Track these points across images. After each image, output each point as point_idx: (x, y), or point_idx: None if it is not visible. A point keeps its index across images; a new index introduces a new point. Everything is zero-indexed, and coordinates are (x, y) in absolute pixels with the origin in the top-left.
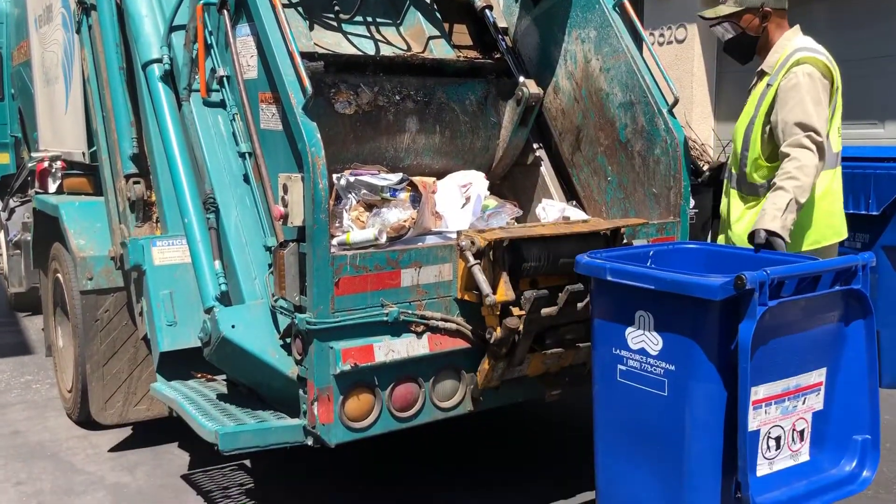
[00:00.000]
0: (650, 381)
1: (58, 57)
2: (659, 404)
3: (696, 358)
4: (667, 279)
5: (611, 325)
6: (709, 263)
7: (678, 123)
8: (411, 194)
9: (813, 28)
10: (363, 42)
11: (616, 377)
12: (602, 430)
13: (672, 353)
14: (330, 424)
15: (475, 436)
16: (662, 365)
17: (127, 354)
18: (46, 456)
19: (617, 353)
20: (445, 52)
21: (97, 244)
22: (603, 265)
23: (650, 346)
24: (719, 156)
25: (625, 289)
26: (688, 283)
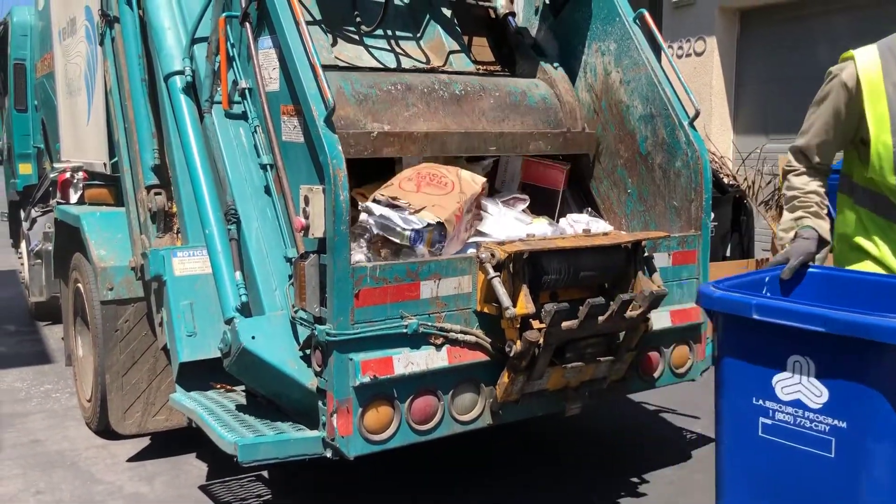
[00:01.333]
0: (809, 440)
1: (81, 69)
2: (822, 468)
3: (878, 414)
4: (842, 320)
5: (750, 370)
6: (836, 292)
7: (699, 136)
8: (434, 233)
9: (834, 40)
10: (384, 55)
11: (757, 432)
12: (731, 492)
13: (842, 407)
14: (349, 437)
15: (491, 446)
16: (828, 421)
17: (146, 364)
18: (66, 465)
19: (759, 403)
20: (465, 65)
21: (118, 254)
22: (747, 301)
23: (810, 398)
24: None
25: (776, 329)
26: (874, 326)
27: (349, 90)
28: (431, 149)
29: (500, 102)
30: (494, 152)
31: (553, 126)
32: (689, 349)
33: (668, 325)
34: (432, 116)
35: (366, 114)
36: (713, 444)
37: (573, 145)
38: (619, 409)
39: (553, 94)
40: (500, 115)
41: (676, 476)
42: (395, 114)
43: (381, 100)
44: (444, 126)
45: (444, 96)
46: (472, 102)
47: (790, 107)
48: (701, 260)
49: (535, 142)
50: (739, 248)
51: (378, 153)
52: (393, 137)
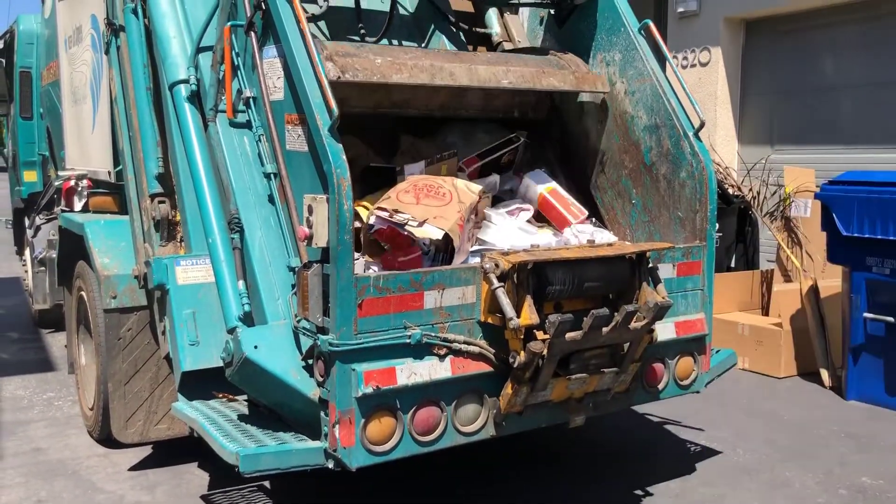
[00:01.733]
0: None
1: (86, 77)
2: None
3: None
4: None
5: None
6: None
7: (704, 147)
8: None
9: (839, 50)
10: None
11: None
12: None
13: None
14: (351, 448)
15: (494, 457)
16: None
17: (149, 373)
18: (67, 474)
19: None
20: None
21: (121, 263)
22: None
23: None
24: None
25: None
26: None
27: (345, 42)
28: (441, 77)
29: (498, 55)
30: (508, 85)
31: (557, 68)
32: (694, 361)
33: (672, 336)
34: (433, 58)
35: (366, 52)
36: (717, 456)
37: (585, 83)
38: (623, 420)
39: (550, 54)
40: (501, 60)
41: (681, 488)
42: (396, 54)
43: (378, 48)
44: (448, 62)
45: (439, 51)
46: (470, 55)
47: (795, 117)
48: (706, 271)
49: (546, 78)
50: (744, 258)
51: (387, 78)
52: (399, 65)
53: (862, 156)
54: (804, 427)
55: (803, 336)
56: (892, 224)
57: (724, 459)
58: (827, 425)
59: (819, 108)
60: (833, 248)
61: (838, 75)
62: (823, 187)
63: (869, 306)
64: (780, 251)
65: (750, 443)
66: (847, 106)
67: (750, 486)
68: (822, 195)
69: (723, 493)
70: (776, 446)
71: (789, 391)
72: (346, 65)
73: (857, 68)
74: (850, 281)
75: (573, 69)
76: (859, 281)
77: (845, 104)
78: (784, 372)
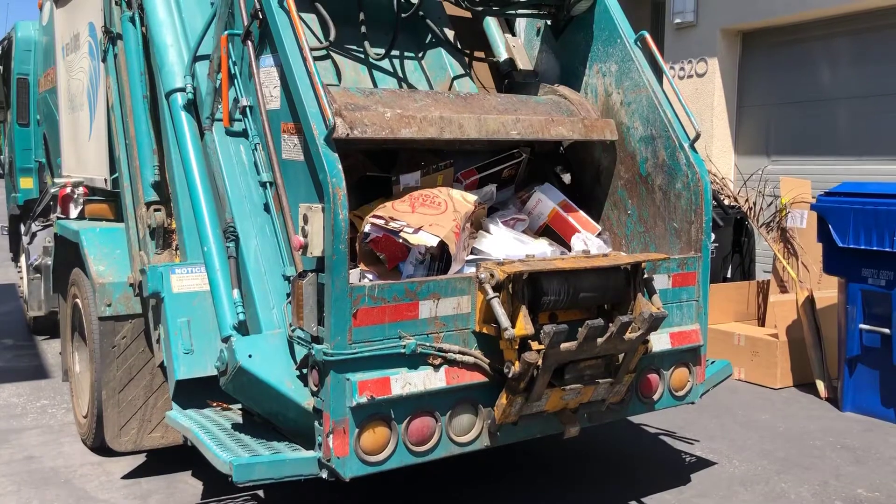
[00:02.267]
0: None
1: (83, 84)
2: None
3: None
4: None
5: None
6: None
7: (700, 158)
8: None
9: (836, 62)
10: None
11: None
12: None
13: None
14: (345, 458)
15: (489, 467)
16: None
17: (143, 381)
18: (60, 482)
19: None
20: (471, 89)
21: (117, 270)
22: None
23: None
24: (746, 198)
25: None
26: None
27: (353, 89)
28: (450, 130)
29: (507, 100)
30: (517, 136)
31: (568, 115)
32: (689, 371)
33: (667, 347)
34: (442, 107)
35: (375, 103)
36: (713, 467)
37: (594, 131)
38: (617, 431)
39: (558, 95)
40: (510, 108)
41: (676, 500)
42: (405, 104)
43: (387, 96)
44: (457, 112)
45: (448, 97)
46: (479, 101)
47: (792, 128)
48: (701, 282)
49: (555, 127)
50: (740, 269)
51: (396, 134)
52: (408, 119)
53: (858, 167)
54: (800, 438)
55: (799, 347)
56: (888, 235)
57: (720, 470)
58: (823, 436)
59: (815, 119)
60: (829, 259)
61: (835, 86)
62: (819, 198)
63: (865, 317)
64: (777, 262)
65: (745, 454)
66: (844, 117)
67: (745, 498)
68: (818, 206)
69: None
70: (772, 457)
71: (785, 402)
72: (354, 121)
73: (854, 79)
74: (845, 292)
75: (582, 116)
76: (855, 292)
77: (842, 115)
78: (780, 383)
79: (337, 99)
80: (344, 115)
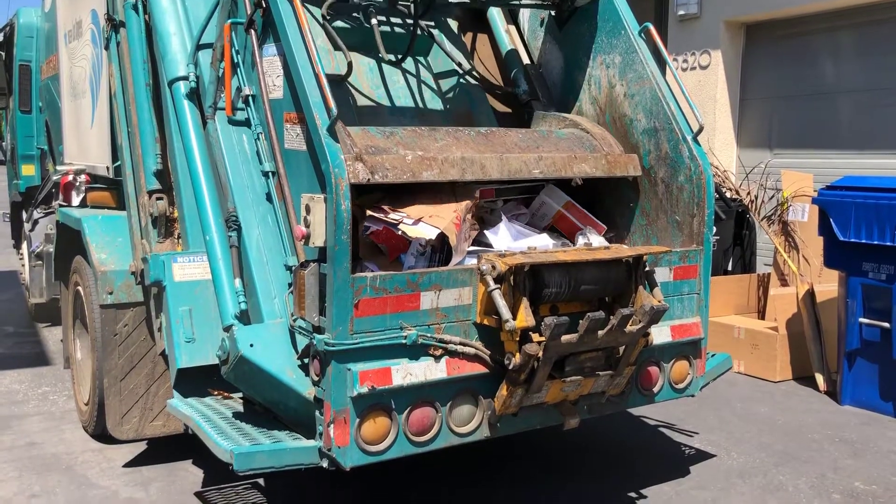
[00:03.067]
0: None
1: (86, 72)
2: None
3: None
4: None
5: None
6: None
7: (703, 151)
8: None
9: (840, 55)
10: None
11: None
12: None
13: None
14: (345, 447)
15: (489, 459)
16: None
17: (145, 370)
18: (61, 469)
19: None
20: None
21: (118, 258)
22: None
23: None
24: (748, 191)
25: None
26: None
27: (373, 129)
28: (472, 171)
29: (529, 136)
30: (539, 175)
31: (590, 151)
32: (689, 364)
33: (668, 339)
34: (464, 146)
35: (395, 144)
36: (711, 459)
37: (618, 167)
38: (617, 423)
39: (580, 129)
40: (532, 145)
41: (674, 491)
42: (426, 145)
43: (407, 136)
44: (479, 152)
45: (469, 134)
46: (500, 138)
47: (795, 121)
48: (702, 275)
49: (578, 164)
50: (741, 262)
51: (417, 177)
52: (430, 161)
53: (861, 161)
54: (798, 431)
55: (799, 340)
56: (889, 229)
57: (718, 463)
58: (821, 430)
59: (818, 113)
60: (830, 253)
61: (838, 80)
62: (821, 192)
63: (864, 311)
64: (777, 255)
65: (744, 446)
66: (846, 111)
67: (743, 490)
68: (819, 200)
69: (716, 497)
70: (770, 450)
71: (784, 395)
72: (375, 165)
73: (857, 73)
74: (846, 286)
75: (605, 151)
76: (855, 286)
77: (845, 109)
78: (779, 376)
79: (357, 142)
80: (365, 159)
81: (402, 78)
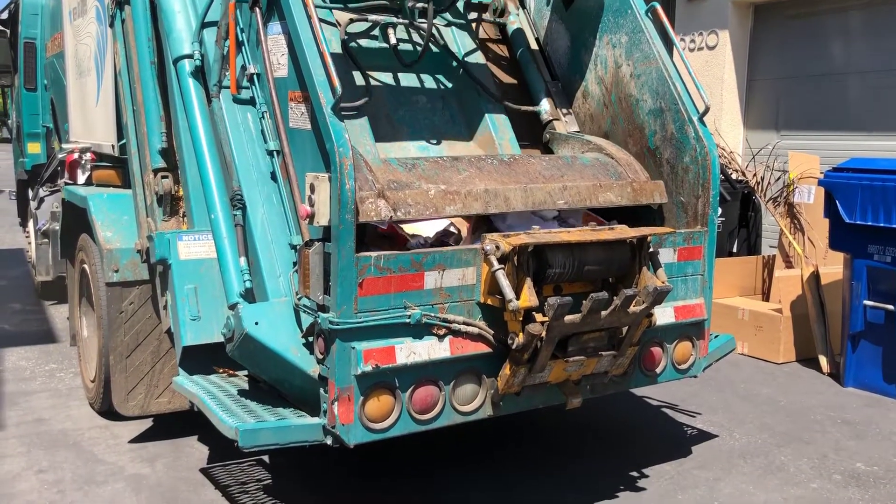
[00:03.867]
0: None
1: (91, 50)
2: None
3: None
4: None
5: None
6: None
7: (708, 132)
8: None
9: (848, 36)
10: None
11: None
12: None
13: None
14: (349, 425)
15: (491, 436)
16: None
17: (150, 347)
18: (68, 445)
19: None
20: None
21: (124, 237)
22: None
23: None
24: (754, 173)
25: None
26: None
27: (395, 162)
28: (496, 204)
29: (553, 164)
30: (564, 206)
31: (616, 178)
32: (692, 345)
33: (671, 320)
34: (487, 178)
35: (417, 178)
36: (713, 440)
37: (643, 195)
38: (619, 403)
39: (604, 154)
40: (556, 173)
41: (676, 471)
42: (448, 177)
43: (429, 168)
44: (502, 184)
45: (492, 163)
46: (524, 166)
47: (802, 103)
48: (706, 256)
49: (603, 193)
50: (746, 244)
51: (440, 213)
52: (453, 195)
53: (868, 142)
54: (801, 413)
55: (803, 322)
56: (894, 212)
57: (720, 443)
58: (823, 411)
59: (826, 94)
60: (835, 235)
61: (846, 61)
62: (827, 174)
63: (869, 294)
64: (783, 237)
65: (746, 427)
66: (855, 92)
67: (744, 470)
68: (825, 182)
69: (717, 477)
70: (772, 431)
71: (787, 377)
72: (398, 202)
73: (866, 54)
74: (851, 268)
75: (631, 178)
76: (860, 268)
77: (853, 90)
78: (783, 358)
79: (380, 177)
80: (387, 195)
81: (424, 98)
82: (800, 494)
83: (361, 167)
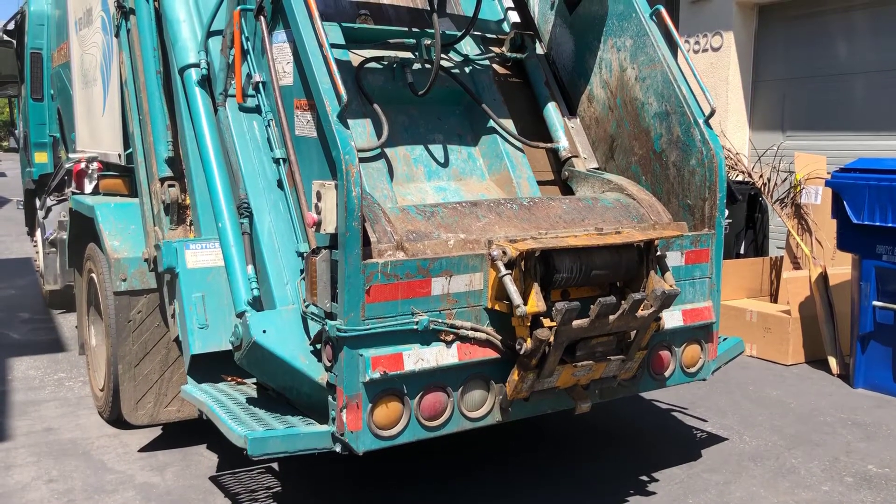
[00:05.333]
0: None
1: (96, 59)
2: None
3: None
4: None
5: None
6: None
7: (714, 135)
8: None
9: (853, 36)
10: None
11: None
12: None
13: None
14: (358, 432)
15: (501, 441)
16: None
17: (159, 356)
18: (78, 454)
19: None
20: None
21: (131, 245)
22: None
23: None
24: (760, 174)
25: None
26: None
27: (413, 210)
28: None
29: (574, 207)
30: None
31: (638, 221)
32: (701, 348)
33: (679, 324)
34: (507, 224)
35: (436, 226)
36: (723, 443)
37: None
38: (629, 407)
39: (625, 195)
40: (577, 217)
41: (686, 475)
42: (468, 225)
43: (448, 215)
44: (523, 231)
45: (512, 208)
46: (544, 210)
47: (808, 103)
48: (714, 259)
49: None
50: (754, 245)
51: None
52: (473, 245)
53: (875, 142)
54: (811, 415)
55: (812, 323)
56: None
57: (730, 446)
58: (834, 413)
59: (832, 95)
60: (843, 236)
61: (851, 61)
62: (834, 174)
63: (878, 294)
64: (790, 238)
65: (756, 430)
66: (860, 92)
67: (755, 473)
68: (832, 182)
69: (728, 480)
70: (782, 434)
71: (797, 378)
72: (416, 253)
73: (871, 54)
74: (859, 269)
75: (653, 220)
76: (869, 269)
77: (858, 90)
78: (792, 359)
79: (398, 228)
80: (406, 247)
81: (440, 136)
82: (811, 497)
83: (380, 218)
